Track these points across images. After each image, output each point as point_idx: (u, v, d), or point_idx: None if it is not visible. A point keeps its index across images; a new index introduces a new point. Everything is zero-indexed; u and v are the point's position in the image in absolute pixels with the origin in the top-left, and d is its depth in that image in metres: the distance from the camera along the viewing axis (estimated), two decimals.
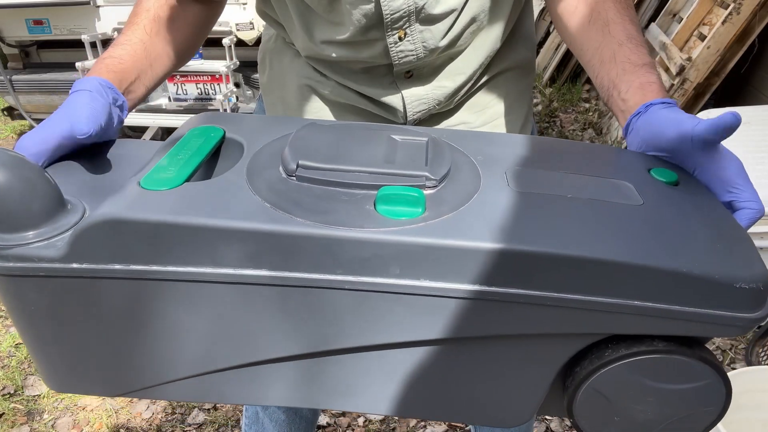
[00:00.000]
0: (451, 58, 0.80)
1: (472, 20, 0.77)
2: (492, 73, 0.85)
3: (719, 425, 1.17)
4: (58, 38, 3.09)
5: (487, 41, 0.81)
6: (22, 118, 3.25)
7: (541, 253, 0.41)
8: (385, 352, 0.46)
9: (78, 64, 2.81)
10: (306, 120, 0.57)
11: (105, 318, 0.47)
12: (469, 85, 0.83)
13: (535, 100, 4.22)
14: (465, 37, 0.78)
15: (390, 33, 0.74)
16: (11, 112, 3.33)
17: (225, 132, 0.55)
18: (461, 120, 0.86)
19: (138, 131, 3.30)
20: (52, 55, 3.31)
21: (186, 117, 2.97)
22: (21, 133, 4.12)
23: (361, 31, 0.74)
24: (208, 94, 3.06)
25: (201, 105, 3.08)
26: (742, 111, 2.38)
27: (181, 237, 0.43)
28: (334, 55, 0.78)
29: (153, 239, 0.43)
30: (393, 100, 0.81)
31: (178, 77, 3.00)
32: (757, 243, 1.82)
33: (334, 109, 0.85)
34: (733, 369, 1.79)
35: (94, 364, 0.50)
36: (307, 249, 0.42)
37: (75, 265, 0.44)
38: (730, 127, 0.50)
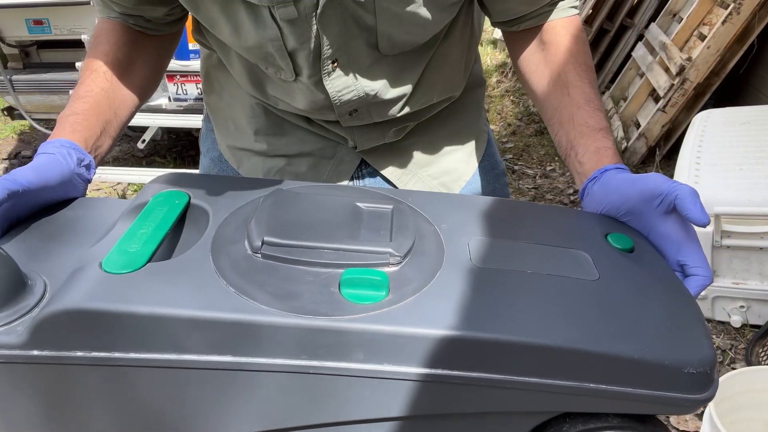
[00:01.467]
0: (405, 116, 0.82)
1: (425, 94, 0.79)
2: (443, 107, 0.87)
3: (719, 425, 1.17)
4: (58, 38, 3.08)
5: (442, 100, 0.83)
6: (22, 118, 3.24)
7: (496, 340, 0.43)
8: (350, 427, 0.47)
9: (78, 64, 2.81)
10: (271, 181, 0.59)
11: (70, 401, 0.46)
12: (421, 122, 0.85)
13: None
14: (418, 107, 0.80)
15: (341, 114, 0.76)
16: (11, 112, 3.33)
17: (190, 198, 0.55)
18: (412, 142, 0.86)
19: (138, 131, 3.30)
20: (52, 55, 3.29)
21: (186, 117, 2.98)
22: (21, 133, 4.11)
23: (313, 108, 0.76)
24: None
25: (201, 105, 3.07)
26: (742, 111, 2.38)
27: (143, 326, 0.43)
28: (285, 109, 0.80)
29: (115, 328, 0.43)
30: (343, 137, 0.82)
31: (178, 77, 2.99)
32: (757, 243, 1.83)
33: (288, 128, 0.84)
34: (733, 369, 1.79)
35: None
36: (271, 337, 0.43)
37: (36, 352, 0.43)
38: (699, 224, 0.54)
